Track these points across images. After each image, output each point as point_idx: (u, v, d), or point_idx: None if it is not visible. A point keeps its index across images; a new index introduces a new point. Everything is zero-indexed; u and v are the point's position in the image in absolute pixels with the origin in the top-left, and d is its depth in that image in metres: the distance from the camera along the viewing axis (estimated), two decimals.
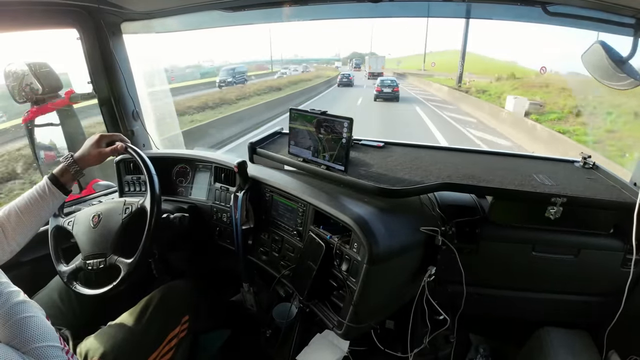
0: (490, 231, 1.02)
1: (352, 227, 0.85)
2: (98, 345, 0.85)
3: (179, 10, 1.25)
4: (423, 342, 1.05)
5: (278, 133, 1.41)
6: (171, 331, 0.95)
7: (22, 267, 1.09)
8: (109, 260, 0.90)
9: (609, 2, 0.84)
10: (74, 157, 0.87)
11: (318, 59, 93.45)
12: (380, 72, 28.02)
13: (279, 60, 56.54)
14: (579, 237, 1.00)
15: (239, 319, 1.42)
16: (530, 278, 1.08)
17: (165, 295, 0.99)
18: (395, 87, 14.08)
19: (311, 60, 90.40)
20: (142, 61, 1.54)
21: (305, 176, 1.13)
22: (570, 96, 10.18)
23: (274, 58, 53.38)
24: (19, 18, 1.02)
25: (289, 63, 61.94)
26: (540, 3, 0.96)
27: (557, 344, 1.08)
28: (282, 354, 1.17)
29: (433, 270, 0.95)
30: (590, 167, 1.16)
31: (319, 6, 1.22)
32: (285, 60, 67.57)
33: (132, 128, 1.43)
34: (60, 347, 0.61)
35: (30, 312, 0.60)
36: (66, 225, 0.97)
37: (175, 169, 1.39)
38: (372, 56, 33.67)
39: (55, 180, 0.84)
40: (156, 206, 0.92)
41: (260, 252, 1.17)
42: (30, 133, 1.26)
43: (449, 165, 1.09)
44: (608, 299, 1.02)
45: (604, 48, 0.83)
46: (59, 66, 1.25)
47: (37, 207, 0.82)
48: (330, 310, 0.95)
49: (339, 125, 0.97)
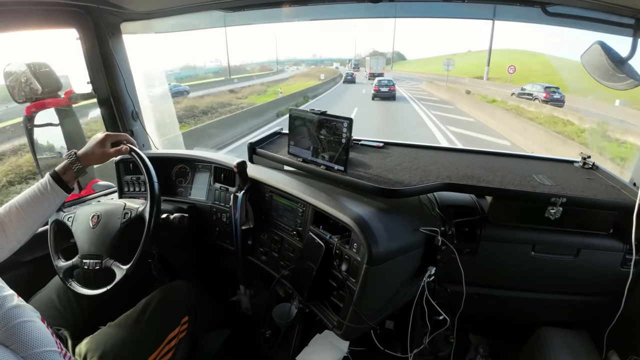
0: (490, 231, 1.02)
1: (352, 227, 0.85)
2: (97, 346, 0.85)
3: (178, 10, 1.25)
4: (423, 342, 1.05)
5: (278, 133, 1.41)
6: (171, 332, 0.95)
7: (22, 267, 1.08)
8: (104, 263, 0.90)
9: (608, 3, 0.84)
10: (77, 154, 0.86)
11: (337, 58, 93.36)
12: (380, 72, 29.22)
13: (287, 60, 56.67)
14: (579, 237, 0.99)
15: (238, 319, 1.42)
16: (530, 278, 1.08)
17: (164, 296, 0.99)
18: (392, 86, 15.60)
19: (327, 60, 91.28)
20: (140, 61, 1.53)
21: (305, 176, 1.13)
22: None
23: (288, 57, 53.78)
24: (19, 18, 1.02)
25: (301, 63, 62.45)
26: (540, 3, 0.96)
27: (557, 344, 1.08)
28: (281, 355, 1.16)
29: (433, 270, 0.95)
30: (589, 167, 1.16)
31: (318, 6, 1.22)
32: (298, 60, 67.84)
33: (132, 128, 1.43)
34: (58, 351, 0.61)
35: (26, 317, 0.60)
36: (65, 220, 0.97)
37: (175, 169, 1.39)
38: (373, 57, 33.78)
39: (57, 178, 0.84)
40: (155, 214, 0.91)
41: (260, 252, 1.17)
42: (30, 133, 1.26)
43: (448, 166, 1.09)
44: (608, 299, 1.02)
45: (604, 48, 0.83)
46: (58, 66, 1.25)
47: (38, 204, 0.82)
48: (329, 310, 0.95)
49: (339, 126, 0.96)
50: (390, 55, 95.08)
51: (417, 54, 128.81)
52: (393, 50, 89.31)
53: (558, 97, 13.86)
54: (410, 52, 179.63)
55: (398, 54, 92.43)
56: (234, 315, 1.44)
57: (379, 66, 31.46)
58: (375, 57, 33.45)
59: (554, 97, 13.78)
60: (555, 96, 13.85)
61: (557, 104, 13.11)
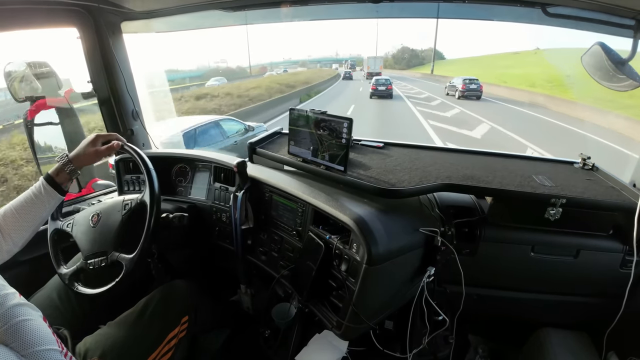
0: (490, 232, 1.02)
1: (352, 227, 0.85)
2: (97, 345, 0.85)
3: (178, 9, 1.25)
4: (422, 342, 1.05)
5: (278, 133, 1.41)
6: (170, 331, 0.95)
7: (21, 267, 1.08)
8: (110, 257, 0.90)
9: (608, 4, 0.84)
10: (69, 156, 0.87)
11: (355, 57, 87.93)
12: (378, 72, 30.66)
13: (285, 62, 55.87)
14: (578, 238, 1.00)
15: (238, 319, 1.42)
16: (530, 279, 1.08)
17: (164, 296, 0.99)
18: (389, 85, 16.09)
19: (327, 60, 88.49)
20: (140, 61, 1.53)
21: (305, 176, 1.13)
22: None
23: (301, 58, 53.19)
24: (19, 17, 1.02)
25: (316, 62, 61.30)
26: (540, 4, 0.96)
27: (557, 345, 1.08)
28: (281, 354, 1.16)
29: (432, 270, 0.95)
30: (589, 168, 1.16)
31: (318, 6, 1.22)
32: (294, 61, 66.10)
33: (132, 127, 1.43)
34: (59, 350, 0.61)
35: (27, 316, 0.60)
36: (65, 227, 0.97)
37: (175, 169, 1.39)
38: (371, 57, 35.77)
39: (51, 180, 0.84)
40: (155, 200, 0.92)
41: (260, 252, 1.17)
42: (30, 132, 1.26)
43: (448, 166, 1.09)
44: (607, 300, 1.02)
45: (604, 49, 0.83)
46: (59, 67, 1.26)
47: (33, 207, 0.82)
48: (329, 310, 0.95)
49: (339, 126, 0.96)
50: (422, 52, 78.14)
51: (460, 52, 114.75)
52: (434, 48, 73.39)
53: (474, 88, 14.93)
54: (452, 50, 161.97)
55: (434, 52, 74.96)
56: (234, 315, 1.44)
57: (377, 66, 33.06)
58: (373, 57, 35.40)
59: (470, 88, 14.91)
60: (471, 87, 14.95)
61: (473, 94, 14.73)
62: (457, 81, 15.78)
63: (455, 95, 15.28)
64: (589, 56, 0.88)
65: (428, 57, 73.10)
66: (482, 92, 15.08)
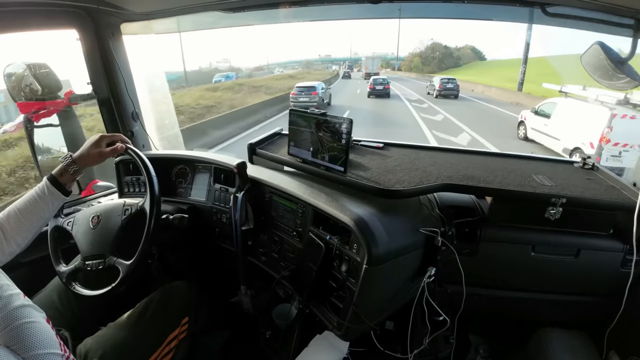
0: (490, 232, 1.02)
1: (352, 227, 0.84)
2: (97, 347, 0.85)
3: (178, 11, 1.25)
4: (423, 343, 1.05)
5: (278, 134, 1.41)
6: (171, 333, 0.95)
7: (22, 268, 1.08)
8: (108, 261, 0.90)
9: (608, 3, 0.84)
10: (72, 157, 0.87)
11: (379, 55, 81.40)
12: (376, 72, 31.58)
13: (283, 62, 54.99)
14: (579, 237, 1.00)
15: (238, 320, 1.42)
16: (530, 279, 1.08)
17: (164, 297, 0.99)
18: (387, 84, 16.41)
19: (326, 61, 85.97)
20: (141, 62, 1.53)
21: (305, 177, 1.13)
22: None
23: (280, 60, 52.63)
24: (19, 19, 1.02)
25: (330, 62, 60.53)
26: (540, 4, 0.96)
27: (557, 344, 1.08)
28: (281, 355, 1.17)
29: (433, 271, 0.95)
30: (589, 167, 1.16)
31: (318, 7, 1.22)
32: (293, 62, 64.65)
33: (132, 129, 1.43)
34: (61, 354, 0.60)
35: (31, 318, 0.59)
36: (65, 225, 0.97)
37: (175, 170, 1.39)
38: (369, 57, 38.36)
39: (55, 181, 0.84)
40: (155, 208, 0.91)
41: (260, 253, 1.17)
42: (30, 134, 1.26)
43: (448, 166, 1.09)
44: (608, 299, 1.02)
45: (603, 49, 0.83)
46: (58, 68, 1.26)
47: (37, 208, 0.82)
48: (329, 311, 0.95)
49: (339, 126, 0.96)
50: (458, 51, 61.24)
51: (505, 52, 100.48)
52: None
53: (451, 87, 15.85)
54: (493, 50, 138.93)
55: (473, 50, 61.62)
56: (234, 315, 1.44)
57: (375, 66, 34.41)
58: (371, 58, 38.30)
59: (446, 87, 15.88)
60: (448, 86, 15.90)
61: (450, 92, 15.66)
62: (435, 80, 17.17)
63: (433, 94, 16.36)
64: (588, 55, 0.88)
65: (465, 57, 59.55)
66: (458, 91, 15.74)
